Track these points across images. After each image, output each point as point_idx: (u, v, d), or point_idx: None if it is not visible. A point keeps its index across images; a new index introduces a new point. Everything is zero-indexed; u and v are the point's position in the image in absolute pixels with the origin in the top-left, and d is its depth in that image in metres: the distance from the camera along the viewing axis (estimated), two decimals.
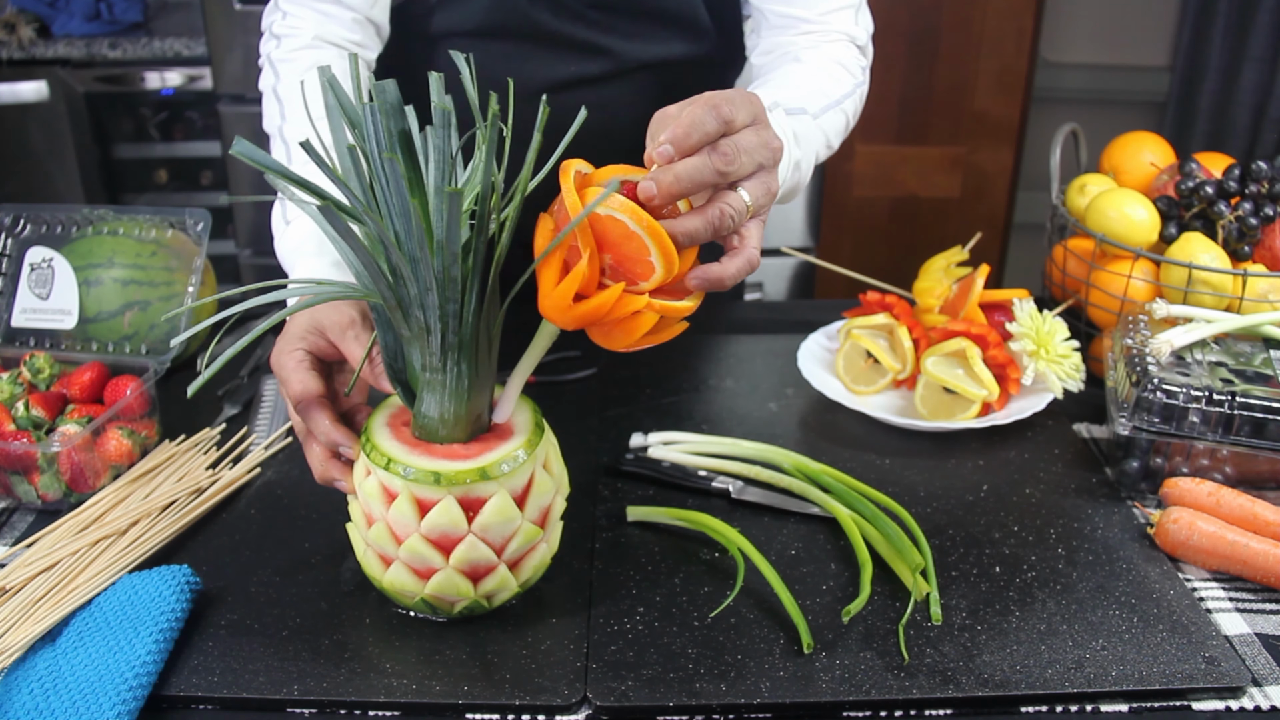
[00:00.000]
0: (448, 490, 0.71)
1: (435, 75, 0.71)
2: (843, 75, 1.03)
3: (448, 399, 0.73)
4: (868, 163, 2.46)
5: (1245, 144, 2.52)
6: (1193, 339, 0.97)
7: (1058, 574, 0.84)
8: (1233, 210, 1.09)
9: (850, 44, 1.06)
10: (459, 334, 0.70)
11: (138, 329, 1.08)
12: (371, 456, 0.73)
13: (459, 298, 0.68)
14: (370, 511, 0.74)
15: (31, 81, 2.39)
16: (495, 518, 0.72)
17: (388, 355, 0.76)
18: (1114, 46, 2.73)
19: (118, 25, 2.48)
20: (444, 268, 0.66)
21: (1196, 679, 0.73)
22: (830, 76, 1.01)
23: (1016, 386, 1.06)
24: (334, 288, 0.72)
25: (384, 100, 0.67)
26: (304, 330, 0.80)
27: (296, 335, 0.80)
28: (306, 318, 0.80)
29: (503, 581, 0.75)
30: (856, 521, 0.87)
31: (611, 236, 0.68)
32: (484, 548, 0.73)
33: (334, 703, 0.71)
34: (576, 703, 0.71)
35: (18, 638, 0.74)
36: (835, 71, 1.03)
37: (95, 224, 1.11)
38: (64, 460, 0.89)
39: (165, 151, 2.54)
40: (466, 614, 0.77)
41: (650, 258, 0.68)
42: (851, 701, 0.71)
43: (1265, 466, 0.93)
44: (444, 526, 0.72)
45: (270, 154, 0.95)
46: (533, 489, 0.75)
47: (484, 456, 0.73)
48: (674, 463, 0.97)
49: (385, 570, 0.75)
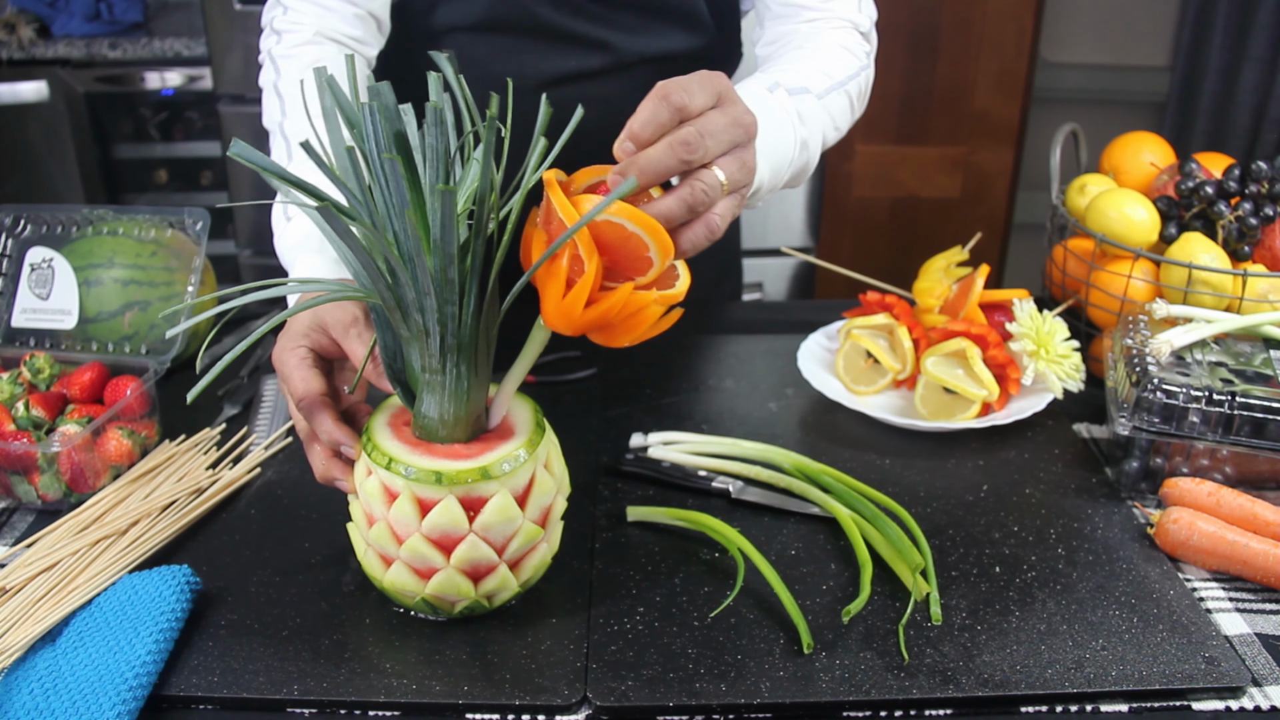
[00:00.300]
0: (449, 490, 0.71)
1: (434, 76, 0.72)
2: (847, 58, 1.02)
3: (447, 400, 0.73)
4: (868, 163, 2.46)
5: (1245, 144, 2.52)
6: (1193, 339, 0.97)
7: (1058, 574, 0.84)
8: (1233, 210, 1.09)
9: (853, 30, 1.06)
10: (458, 336, 0.70)
11: (138, 329, 1.08)
12: (373, 456, 0.73)
13: (457, 299, 0.68)
14: (371, 511, 0.74)
15: (31, 81, 2.39)
16: (496, 517, 0.72)
17: (387, 355, 0.76)
18: (1114, 46, 2.73)
19: (118, 25, 2.48)
20: (441, 269, 0.66)
21: (1196, 679, 0.73)
22: (834, 58, 1.01)
23: (1016, 386, 1.06)
24: (333, 287, 0.73)
25: (381, 102, 0.67)
26: (306, 328, 0.80)
27: (299, 333, 0.80)
28: (309, 315, 0.80)
29: (503, 581, 0.75)
30: (856, 521, 0.87)
31: (610, 239, 0.68)
32: (485, 547, 0.73)
33: (334, 703, 0.71)
34: (576, 703, 0.71)
35: (18, 638, 0.74)
36: (839, 54, 1.02)
37: (95, 224, 1.11)
38: (64, 460, 0.89)
39: (165, 151, 2.54)
40: (467, 614, 0.77)
41: (649, 253, 0.68)
42: (851, 701, 0.71)
43: (1265, 466, 0.93)
44: (445, 526, 0.72)
45: (270, 151, 0.95)
46: (534, 488, 0.75)
47: (485, 456, 0.73)
48: (674, 463, 0.97)
49: (386, 570, 0.75)
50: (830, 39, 1.04)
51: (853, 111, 1.03)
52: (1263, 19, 2.43)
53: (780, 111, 0.88)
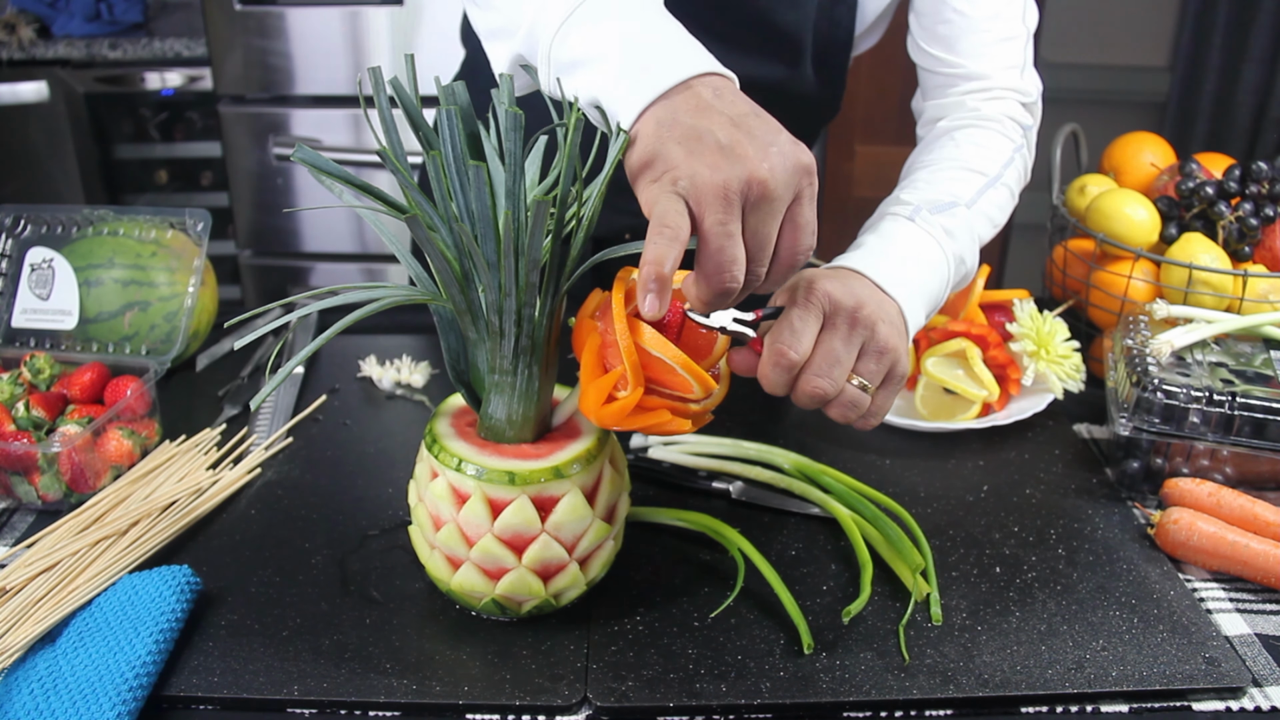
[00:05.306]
0: (521, 490, 0.72)
1: (504, 76, 0.71)
2: (1000, 144, 0.97)
3: (516, 400, 0.73)
4: (868, 163, 2.46)
5: (1245, 144, 2.52)
6: (1193, 339, 0.97)
7: (1058, 574, 0.84)
8: (1233, 211, 1.09)
9: (1017, 101, 1.00)
10: (532, 337, 0.70)
11: (138, 329, 1.08)
12: (440, 458, 0.74)
13: (535, 302, 0.69)
14: (438, 514, 0.75)
15: (31, 82, 2.39)
16: (568, 516, 0.73)
17: (450, 357, 0.76)
18: (1114, 46, 2.73)
19: (118, 26, 2.48)
20: (525, 273, 0.66)
21: (1197, 679, 0.73)
22: (986, 150, 0.95)
23: (1017, 387, 1.06)
24: (399, 295, 0.71)
25: (458, 104, 0.66)
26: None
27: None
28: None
29: (573, 579, 0.76)
30: (857, 522, 0.87)
31: (656, 367, 0.69)
32: (557, 546, 0.73)
33: (334, 703, 0.71)
34: (576, 703, 0.71)
35: (18, 638, 0.74)
36: (992, 142, 0.97)
37: (95, 224, 1.11)
38: (64, 461, 0.89)
39: (165, 152, 2.54)
40: (535, 613, 0.77)
41: (692, 390, 0.70)
42: (851, 702, 0.71)
43: (1265, 467, 0.93)
44: (518, 526, 0.72)
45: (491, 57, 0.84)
46: (601, 486, 0.75)
47: (556, 455, 0.73)
48: (674, 463, 0.97)
49: (454, 573, 0.75)
50: (989, 114, 0.99)
51: (1013, 197, 0.97)
52: (1263, 19, 2.43)
53: (925, 241, 0.84)
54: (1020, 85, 1.00)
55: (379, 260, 2.37)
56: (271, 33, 2.16)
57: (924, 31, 1.02)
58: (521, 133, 0.65)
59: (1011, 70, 1.00)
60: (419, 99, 0.70)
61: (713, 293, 0.65)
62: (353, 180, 0.68)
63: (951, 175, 0.92)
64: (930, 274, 0.83)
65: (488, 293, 0.68)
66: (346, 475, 0.97)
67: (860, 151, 2.44)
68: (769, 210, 0.65)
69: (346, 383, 1.13)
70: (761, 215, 0.65)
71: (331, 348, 1.19)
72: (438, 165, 0.67)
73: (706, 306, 0.66)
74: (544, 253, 0.67)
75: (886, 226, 0.85)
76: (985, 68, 0.99)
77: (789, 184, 0.65)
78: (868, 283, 0.77)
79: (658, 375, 0.69)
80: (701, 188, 0.63)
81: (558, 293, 0.71)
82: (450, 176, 0.67)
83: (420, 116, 0.70)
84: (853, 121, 2.51)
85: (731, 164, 0.63)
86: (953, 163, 0.94)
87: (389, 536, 0.87)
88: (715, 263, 0.64)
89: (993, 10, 0.98)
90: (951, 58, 1.00)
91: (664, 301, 0.64)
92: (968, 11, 0.98)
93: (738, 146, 0.64)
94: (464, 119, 0.67)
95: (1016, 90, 1.00)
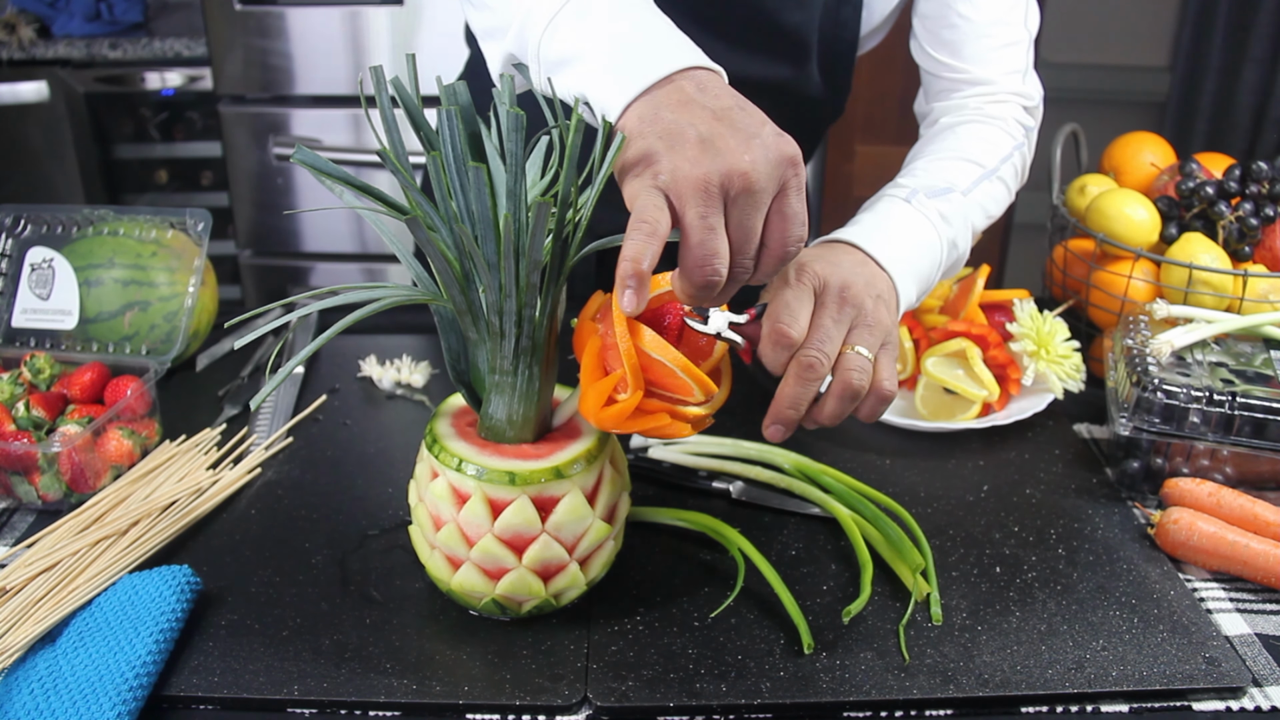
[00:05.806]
0: (522, 490, 0.72)
1: (506, 76, 0.71)
2: (1000, 139, 0.98)
3: (517, 401, 0.73)
4: (868, 163, 2.46)
5: (1245, 144, 2.52)
6: (1193, 339, 0.97)
7: (1058, 574, 0.84)
8: (1233, 210, 1.09)
9: (1019, 104, 1.01)
10: (532, 338, 0.70)
11: (138, 329, 1.08)
12: (440, 458, 0.74)
13: (536, 302, 0.69)
14: (438, 514, 0.75)
15: (31, 82, 2.39)
16: (569, 516, 0.73)
17: (451, 357, 0.76)
18: (1114, 46, 2.73)
19: (118, 25, 2.48)
20: (525, 274, 0.66)
21: (1197, 679, 0.73)
22: (985, 143, 0.97)
23: (1017, 387, 1.06)
24: (399, 295, 0.71)
25: (458, 104, 0.66)
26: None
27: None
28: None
29: (573, 579, 0.76)
30: (857, 522, 0.87)
31: (656, 370, 0.69)
32: (557, 546, 0.73)
33: (334, 703, 0.71)
34: (576, 703, 0.71)
35: (18, 638, 0.74)
36: (992, 136, 0.98)
37: (95, 224, 1.11)
38: (64, 460, 0.89)
39: (165, 152, 2.54)
40: (535, 613, 0.77)
41: (693, 393, 0.70)
42: (851, 702, 0.71)
43: (1266, 467, 0.93)
44: (518, 526, 0.72)
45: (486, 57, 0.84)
46: (602, 486, 0.76)
47: (556, 455, 0.73)
48: (674, 463, 0.97)
49: (454, 573, 0.75)
50: (990, 114, 0.99)
51: (1010, 193, 0.99)
52: (1263, 19, 2.43)
53: (920, 221, 0.86)
54: (1023, 89, 1.01)
55: (379, 260, 2.37)
56: (272, 33, 2.16)
57: (929, 35, 1.02)
58: (523, 133, 0.65)
59: (1014, 75, 1.01)
60: (420, 99, 0.70)
61: (695, 286, 0.65)
62: (352, 181, 0.68)
63: (950, 164, 0.94)
64: (923, 253, 0.85)
65: (488, 293, 0.68)
66: (346, 475, 0.97)
67: (860, 151, 2.44)
68: (752, 202, 0.65)
69: (346, 383, 1.13)
70: (744, 208, 0.65)
71: (331, 348, 1.19)
72: (438, 165, 0.67)
73: (692, 300, 0.67)
74: (545, 253, 0.67)
75: (883, 206, 0.87)
76: (989, 73, 1.00)
77: (772, 175, 0.65)
78: (861, 257, 0.79)
79: (658, 378, 0.70)
80: (681, 182, 0.63)
81: (558, 294, 0.71)
82: (451, 177, 0.67)
83: (421, 116, 0.70)
84: (853, 121, 2.51)
85: (712, 157, 0.63)
86: (952, 152, 0.95)
87: (389, 536, 0.87)
88: (696, 256, 0.64)
89: (996, 15, 0.99)
90: (956, 63, 1.01)
91: (642, 297, 0.64)
92: (972, 16, 0.98)
93: (719, 140, 0.64)
94: (465, 119, 0.67)
95: (1019, 94, 1.01)
